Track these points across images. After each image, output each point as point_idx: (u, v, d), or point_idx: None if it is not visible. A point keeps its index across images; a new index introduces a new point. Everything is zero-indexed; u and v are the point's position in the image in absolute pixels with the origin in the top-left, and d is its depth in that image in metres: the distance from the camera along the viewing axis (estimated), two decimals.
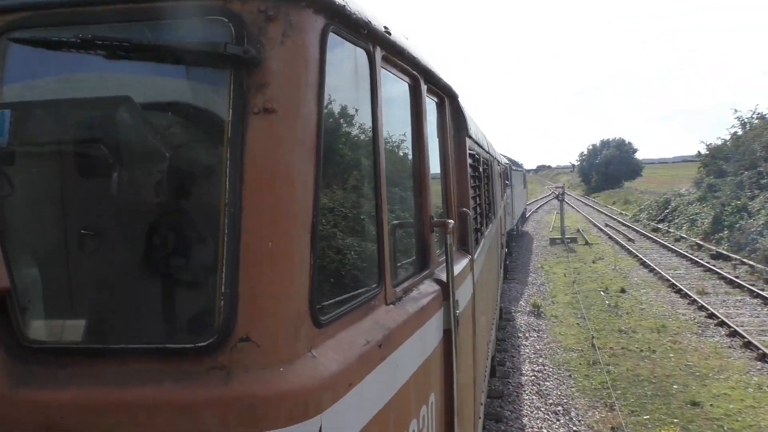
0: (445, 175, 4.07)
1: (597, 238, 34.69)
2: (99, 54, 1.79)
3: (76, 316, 1.91)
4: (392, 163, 2.90)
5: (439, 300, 3.17)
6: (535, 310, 17.38)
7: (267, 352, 1.70)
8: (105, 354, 1.71)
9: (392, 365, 2.31)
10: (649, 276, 22.38)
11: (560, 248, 31.02)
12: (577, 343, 14.42)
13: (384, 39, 2.48)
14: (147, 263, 1.87)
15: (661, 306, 17.68)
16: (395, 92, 2.98)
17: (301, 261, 1.82)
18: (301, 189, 1.84)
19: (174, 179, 1.91)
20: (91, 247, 1.93)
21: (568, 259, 27.01)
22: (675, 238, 31.84)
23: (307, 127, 1.86)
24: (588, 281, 21.94)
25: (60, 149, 2.01)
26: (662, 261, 25.27)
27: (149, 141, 1.97)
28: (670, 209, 39.31)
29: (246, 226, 1.72)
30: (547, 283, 22.00)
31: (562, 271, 24.43)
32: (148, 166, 1.96)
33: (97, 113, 1.99)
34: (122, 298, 1.89)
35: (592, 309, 17.52)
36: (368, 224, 2.51)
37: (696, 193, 38.16)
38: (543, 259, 27.88)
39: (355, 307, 2.21)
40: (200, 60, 1.80)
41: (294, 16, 1.83)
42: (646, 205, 46.62)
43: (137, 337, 1.78)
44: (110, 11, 1.83)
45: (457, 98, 4.52)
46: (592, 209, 61.60)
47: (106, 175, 1.93)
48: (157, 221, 1.87)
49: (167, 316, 1.85)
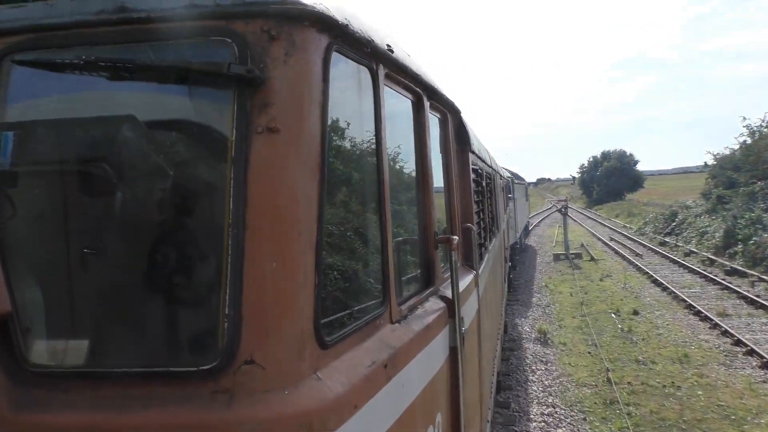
0: (448, 191, 4.06)
1: (603, 254, 32.63)
2: (102, 75, 1.79)
3: (78, 338, 1.89)
4: (396, 179, 2.89)
5: (444, 317, 3.14)
6: (542, 337, 15.72)
7: (271, 374, 1.67)
8: (107, 377, 1.69)
9: (398, 385, 2.27)
10: (663, 295, 20.39)
11: (565, 265, 29.18)
12: (591, 376, 12.62)
13: (387, 57, 2.47)
14: (150, 284, 1.85)
15: (680, 331, 15.80)
16: (398, 109, 2.97)
17: (305, 281, 1.80)
18: (305, 208, 1.82)
19: (177, 199, 1.89)
20: (94, 267, 1.91)
21: (574, 277, 25.20)
22: (684, 253, 29.86)
23: (311, 146, 1.85)
24: (597, 302, 19.99)
25: (63, 169, 2.00)
26: (674, 278, 23.25)
27: (153, 160, 1.96)
28: (677, 222, 37.39)
29: (249, 246, 1.70)
30: (552, 304, 20.13)
31: (568, 290, 22.57)
32: (152, 185, 1.95)
33: (100, 132, 1.99)
34: (125, 320, 1.87)
35: (603, 334, 15.84)
36: (373, 242, 2.49)
37: (704, 205, 36.34)
38: (547, 276, 26.12)
39: (360, 327, 2.18)
40: (204, 80, 1.79)
41: (297, 35, 1.83)
42: (652, 218, 44.54)
43: (140, 360, 1.76)
44: (113, 32, 1.83)
45: (460, 113, 4.52)
46: (595, 222, 58.41)
47: (110, 194, 1.92)
48: (160, 241, 1.85)
49: (170, 338, 1.83)
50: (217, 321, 1.69)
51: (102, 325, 1.90)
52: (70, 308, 1.97)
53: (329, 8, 1.93)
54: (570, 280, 24.77)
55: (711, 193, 36.87)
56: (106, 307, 1.90)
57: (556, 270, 27.81)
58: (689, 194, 59.78)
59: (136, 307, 1.87)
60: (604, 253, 33.03)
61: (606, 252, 33.40)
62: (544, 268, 28.90)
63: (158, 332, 1.84)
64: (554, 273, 26.99)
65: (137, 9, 1.81)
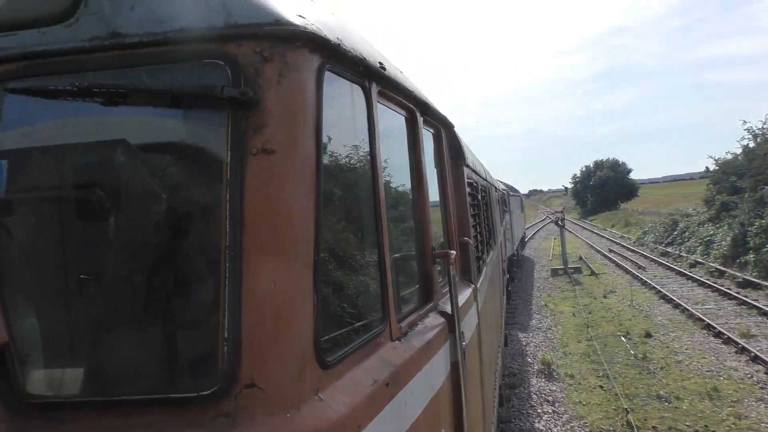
0: (444, 205, 4.06)
1: (603, 267, 30.96)
2: (96, 101, 1.79)
3: (75, 367, 1.87)
4: (392, 196, 2.89)
5: (444, 333, 3.12)
6: (546, 368, 13.81)
7: (273, 397, 1.65)
8: (106, 406, 1.67)
9: (401, 404, 2.25)
10: (675, 313, 18.53)
11: (564, 280, 27.42)
12: (606, 418, 10.74)
13: (379, 74, 2.49)
14: (146, 309, 1.83)
15: (703, 357, 13.82)
16: (392, 125, 2.98)
17: (304, 301, 1.79)
18: (301, 228, 1.81)
19: (172, 222, 1.88)
20: (90, 293, 1.90)
21: (575, 294, 23.50)
22: (690, 264, 28.11)
23: (306, 166, 1.85)
24: (603, 322, 18.23)
25: (57, 195, 1.99)
26: (684, 292, 21.45)
27: (147, 184, 1.95)
28: (678, 231, 35.75)
29: (246, 267, 1.69)
30: (554, 326, 18.33)
31: (570, 309, 20.85)
32: (147, 209, 1.93)
33: (94, 157, 1.98)
34: (122, 347, 1.85)
35: (615, 362, 13.97)
36: (371, 259, 2.48)
37: (706, 213, 34.56)
38: (546, 294, 24.31)
39: (361, 346, 2.16)
40: (198, 103, 1.79)
41: (290, 56, 1.83)
42: (651, 227, 42.86)
43: (138, 387, 1.74)
44: (106, 58, 1.83)
45: (453, 128, 4.54)
46: (591, 233, 57.28)
47: (105, 220, 1.90)
48: (156, 265, 1.84)
49: (169, 364, 1.81)
50: (216, 345, 1.67)
51: (100, 353, 1.88)
52: (67, 336, 1.95)
53: (321, 28, 1.94)
54: (571, 297, 23.11)
55: (714, 199, 34.88)
56: (104, 335, 1.88)
57: (555, 287, 26.21)
58: (683, 202, 59.19)
59: (134, 333, 1.85)
60: (604, 266, 31.50)
61: (606, 265, 31.80)
62: (542, 284, 27.28)
63: (156, 358, 1.82)
64: (553, 290, 25.34)
65: (130, 34, 1.81)
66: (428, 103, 3.50)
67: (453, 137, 4.62)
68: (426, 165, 3.40)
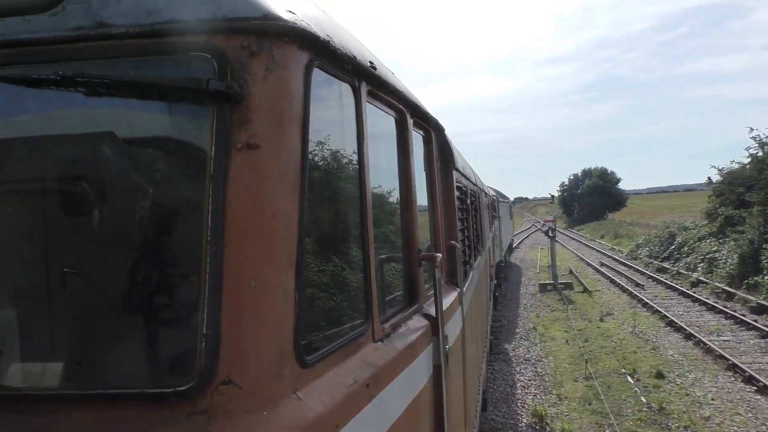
0: (432, 208, 4.05)
1: (596, 283, 27.92)
2: (80, 91, 1.77)
3: (52, 360, 1.84)
4: (379, 196, 2.88)
5: (428, 335, 3.11)
6: (537, 423, 10.68)
7: (250, 394, 1.63)
8: (82, 400, 1.64)
9: (381, 405, 2.24)
10: (688, 346, 15.50)
11: (554, 297, 24.47)
12: None
13: (369, 73, 2.48)
14: (125, 303, 1.81)
15: (736, 411, 10.73)
16: (381, 126, 2.97)
17: (285, 299, 1.77)
18: (285, 225, 1.80)
19: (154, 216, 1.86)
20: (69, 287, 1.87)
21: (567, 314, 20.64)
22: (692, 282, 25.12)
23: (291, 162, 1.84)
24: (602, 355, 15.29)
25: (39, 187, 1.96)
26: (693, 318, 18.64)
27: (131, 177, 1.93)
28: (675, 245, 32.79)
29: (228, 264, 1.67)
30: (545, 357, 15.40)
31: (563, 334, 17.94)
32: (130, 203, 1.91)
33: (79, 150, 1.95)
34: (100, 341, 1.82)
35: (624, 415, 10.90)
36: (355, 260, 2.47)
37: (707, 226, 31.74)
38: (535, 314, 21.42)
39: (342, 346, 2.15)
40: (183, 96, 1.77)
41: (278, 51, 1.82)
42: (645, 240, 39.65)
43: (115, 381, 1.71)
44: (91, 48, 1.81)
45: (444, 131, 4.54)
46: (580, 244, 53.50)
47: (86, 213, 1.88)
48: (136, 259, 1.82)
49: (146, 359, 1.79)
50: (194, 340, 1.65)
51: (77, 347, 1.85)
52: (45, 330, 1.92)
53: (310, 24, 1.93)
54: (563, 318, 20.30)
55: (716, 212, 31.85)
56: (81, 328, 1.85)
57: (544, 304, 23.31)
58: (669, 214, 58.70)
59: (111, 327, 1.82)
60: (597, 282, 28.55)
61: (599, 281, 28.79)
62: (530, 301, 24.34)
63: (133, 353, 1.79)
64: (542, 309, 22.44)
65: (116, 25, 1.79)
66: (419, 105, 3.50)
67: (443, 140, 4.62)
68: (415, 167, 3.40)
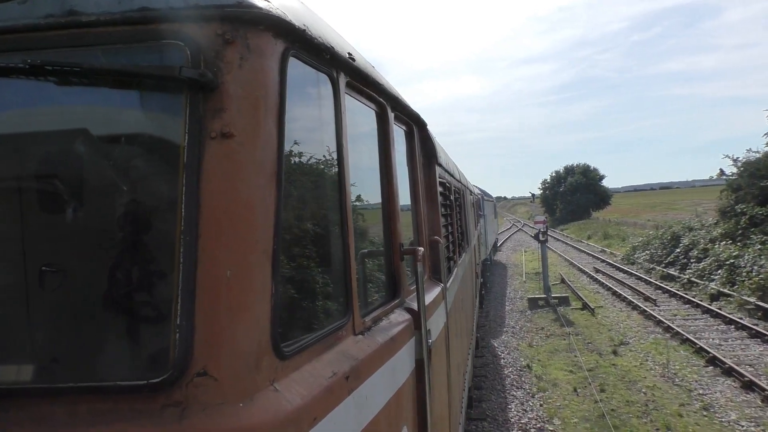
0: (415, 203, 4.04)
1: (596, 296, 22.92)
2: (49, 80, 1.73)
3: (24, 355, 1.80)
4: (360, 190, 2.86)
5: (410, 329, 3.10)
6: None
7: (226, 386, 1.61)
8: (51, 394, 1.61)
9: (360, 398, 2.22)
10: (748, 398, 11.00)
11: (548, 317, 19.52)
12: None
13: (348, 65, 2.46)
14: (98, 297, 1.77)
15: None
16: (361, 119, 2.96)
17: (261, 290, 1.75)
18: (260, 215, 1.78)
19: (128, 208, 1.83)
20: (45, 282, 1.83)
21: (569, 343, 15.65)
22: (711, 295, 20.33)
23: (266, 151, 1.81)
24: (632, 419, 10.37)
25: (10, 185, 1.91)
26: (738, 351, 13.85)
27: (104, 169, 1.89)
28: (681, 249, 27.59)
29: (203, 254, 1.65)
30: (548, 421, 10.53)
31: (568, 376, 13.05)
32: (103, 196, 1.87)
33: (52, 147, 1.91)
34: (73, 334, 1.79)
35: None
36: (334, 252, 2.45)
37: (721, 226, 26.52)
38: (526, 343, 16.30)
39: (321, 338, 2.13)
40: (155, 85, 1.75)
41: (252, 39, 1.80)
42: (642, 242, 34.54)
43: (86, 374, 1.68)
44: (62, 36, 1.77)
45: (426, 126, 4.53)
46: (566, 245, 47.12)
47: (61, 209, 1.84)
48: (111, 252, 1.78)
49: (118, 351, 1.75)
50: (168, 332, 1.62)
51: (50, 341, 1.82)
52: (18, 324, 1.88)
53: (286, 13, 1.90)
54: (563, 349, 15.36)
55: (733, 209, 26.87)
56: (53, 322, 1.81)
57: (537, 327, 18.28)
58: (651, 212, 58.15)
59: (85, 321, 1.79)
60: (597, 294, 23.41)
61: (599, 293, 23.73)
62: (519, 322, 19.22)
63: (107, 346, 1.76)
64: (536, 334, 17.42)
65: (87, 12, 1.75)
66: (400, 99, 3.49)
67: (425, 135, 4.61)
68: (396, 162, 3.38)
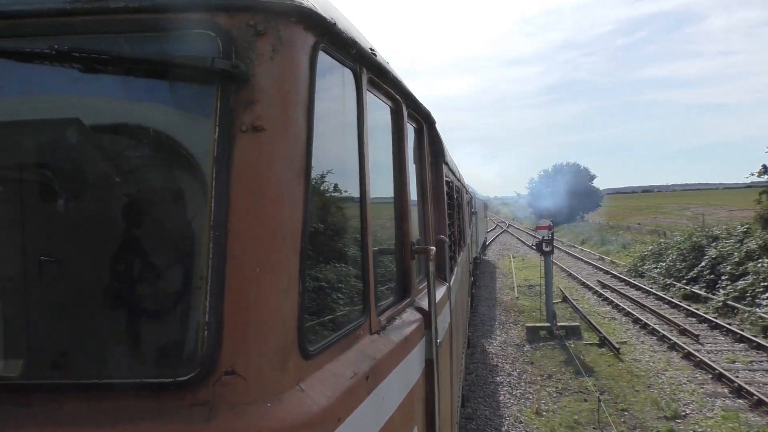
0: (422, 202, 4.01)
1: (614, 324, 17.67)
2: (75, 67, 1.68)
3: (47, 350, 1.75)
4: (376, 188, 2.83)
5: (421, 329, 3.07)
6: None
7: (253, 385, 1.58)
8: (74, 390, 1.57)
9: (379, 398, 2.20)
10: None
11: (555, 357, 14.51)
12: None
13: (370, 60, 2.42)
14: (121, 291, 1.73)
15: None
16: (378, 116, 2.92)
17: (289, 287, 1.72)
18: (290, 211, 1.74)
19: (158, 202, 1.78)
20: (61, 275, 1.77)
21: (594, 408, 10.65)
22: (763, 326, 15.68)
23: (297, 146, 1.78)
24: None
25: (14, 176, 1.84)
26: None
27: (127, 166, 1.83)
28: (707, 262, 22.50)
29: (232, 250, 1.61)
30: None
31: None
32: (129, 187, 1.81)
33: (44, 136, 1.84)
34: (94, 329, 1.74)
35: None
36: (354, 249, 2.42)
37: (759, 236, 21.67)
38: (531, 405, 11.39)
39: (342, 337, 2.10)
40: (185, 75, 1.70)
41: (284, 31, 1.76)
42: (652, 252, 28.76)
43: (110, 371, 1.64)
44: (88, 22, 1.72)
45: (435, 124, 4.50)
46: (561, 251, 40.00)
47: (90, 205, 1.78)
48: (139, 247, 1.74)
49: (143, 347, 1.71)
50: (196, 329, 1.59)
51: (72, 336, 1.77)
52: (42, 319, 1.82)
53: (316, 6, 1.87)
54: (586, 419, 10.54)
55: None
56: (80, 318, 1.76)
57: (544, 374, 13.29)
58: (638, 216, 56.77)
59: (107, 316, 1.74)
60: (614, 321, 18.10)
61: (615, 319, 18.43)
62: (516, 363, 14.27)
63: (130, 341, 1.72)
64: (543, 387, 12.48)
65: None
66: (414, 96, 3.46)
67: (434, 133, 4.58)
68: (409, 159, 3.35)
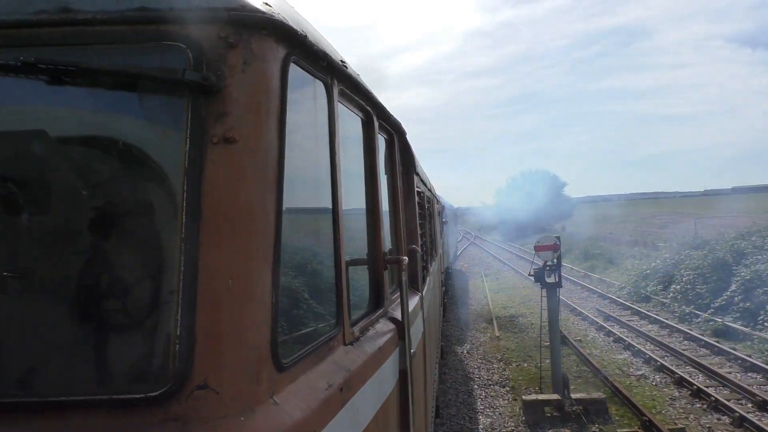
0: (394, 212, 4.03)
1: (647, 387, 12.71)
2: (42, 78, 1.66)
3: (10, 368, 1.71)
4: (347, 198, 2.84)
5: (394, 339, 3.07)
6: None
7: (227, 399, 1.56)
8: (43, 408, 1.53)
9: (353, 410, 2.19)
10: None
11: None
12: None
13: (341, 72, 2.44)
14: (90, 306, 1.70)
15: None
16: (349, 127, 2.93)
17: (262, 299, 1.71)
18: (262, 222, 1.73)
19: (128, 214, 1.76)
20: (19, 290, 1.73)
21: None
22: None
23: (268, 157, 1.78)
24: None
25: None
26: None
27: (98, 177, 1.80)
28: (738, 285, 18.07)
29: (204, 262, 1.60)
30: None
31: None
32: (101, 201, 1.78)
33: (8, 148, 1.81)
34: (62, 345, 1.70)
35: None
36: (326, 261, 2.41)
37: None
38: None
39: (315, 349, 2.09)
40: (155, 87, 1.69)
41: (255, 44, 1.76)
42: (656, 270, 24.17)
43: (80, 388, 1.60)
44: (55, 33, 1.70)
45: (405, 135, 4.53)
46: None
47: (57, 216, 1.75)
48: (108, 260, 1.71)
49: (115, 363, 1.68)
50: (167, 343, 1.56)
51: (40, 352, 1.72)
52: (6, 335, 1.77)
53: (288, 18, 1.88)
54: None
55: None
56: (46, 333, 1.72)
57: None
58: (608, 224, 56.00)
59: (77, 330, 1.70)
60: (643, 381, 13.14)
61: (646, 378, 13.33)
62: None
63: (99, 357, 1.68)
64: None
65: (83, 10, 1.69)
66: (384, 108, 3.48)
67: (405, 144, 4.61)
68: (380, 170, 3.37)
